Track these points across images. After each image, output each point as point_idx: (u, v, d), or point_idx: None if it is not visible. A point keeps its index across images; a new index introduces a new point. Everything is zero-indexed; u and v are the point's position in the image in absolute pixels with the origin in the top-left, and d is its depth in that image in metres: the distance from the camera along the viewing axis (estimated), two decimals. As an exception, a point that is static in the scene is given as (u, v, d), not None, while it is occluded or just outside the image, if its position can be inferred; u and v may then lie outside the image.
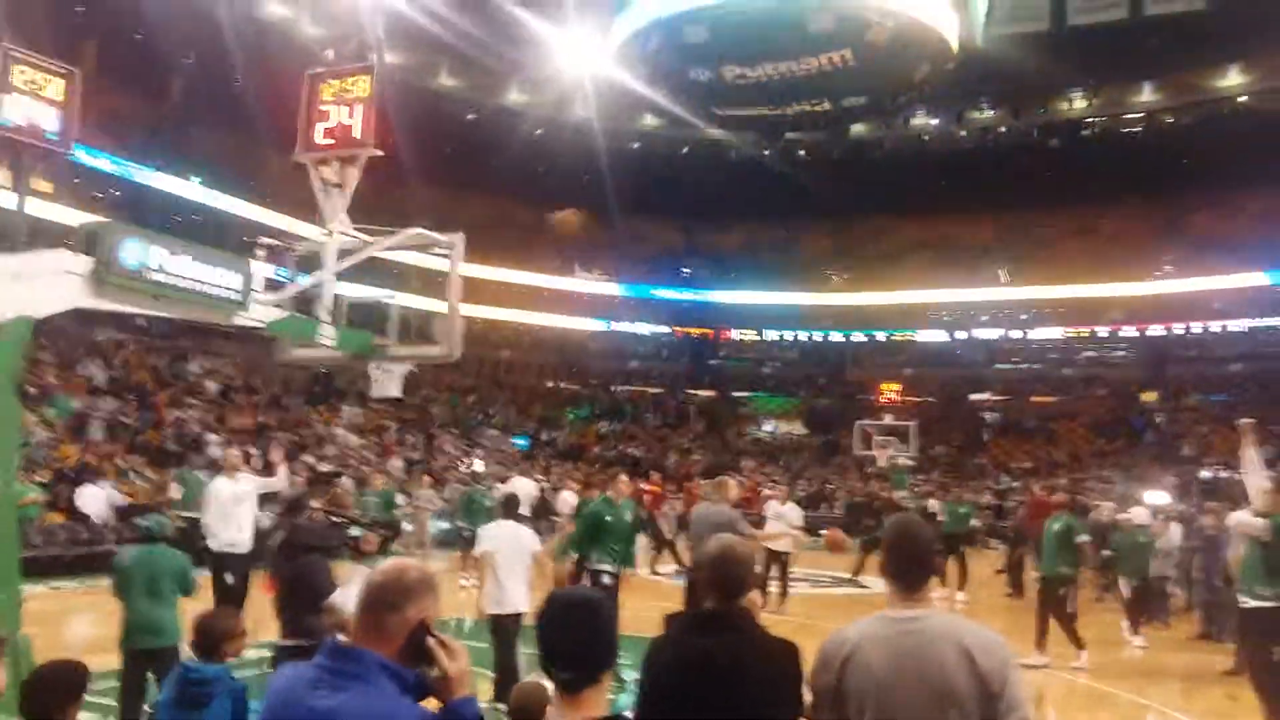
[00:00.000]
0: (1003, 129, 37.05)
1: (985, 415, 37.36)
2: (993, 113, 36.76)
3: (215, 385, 24.63)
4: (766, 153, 35.12)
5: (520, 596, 6.71)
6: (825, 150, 37.12)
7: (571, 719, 2.00)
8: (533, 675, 3.84)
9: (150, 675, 6.18)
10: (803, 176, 36.18)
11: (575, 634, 2.10)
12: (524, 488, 15.27)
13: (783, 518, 13.00)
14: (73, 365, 21.37)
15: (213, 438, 20.42)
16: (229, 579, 8.51)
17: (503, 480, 18.36)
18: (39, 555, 10.49)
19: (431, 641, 2.08)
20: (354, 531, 7.38)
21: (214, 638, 3.94)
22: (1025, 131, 36.92)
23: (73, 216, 21.77)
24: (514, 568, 6.76)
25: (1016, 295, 38.88)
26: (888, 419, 31.14)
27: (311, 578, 5.08)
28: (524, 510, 14.27)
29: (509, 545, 6.85)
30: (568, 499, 17.04)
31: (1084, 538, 10.00)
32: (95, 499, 14.81)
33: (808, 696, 2.85)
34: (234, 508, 8.72)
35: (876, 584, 14.75)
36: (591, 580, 8.88)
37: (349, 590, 5.35)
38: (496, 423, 32.53)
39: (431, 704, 2.12)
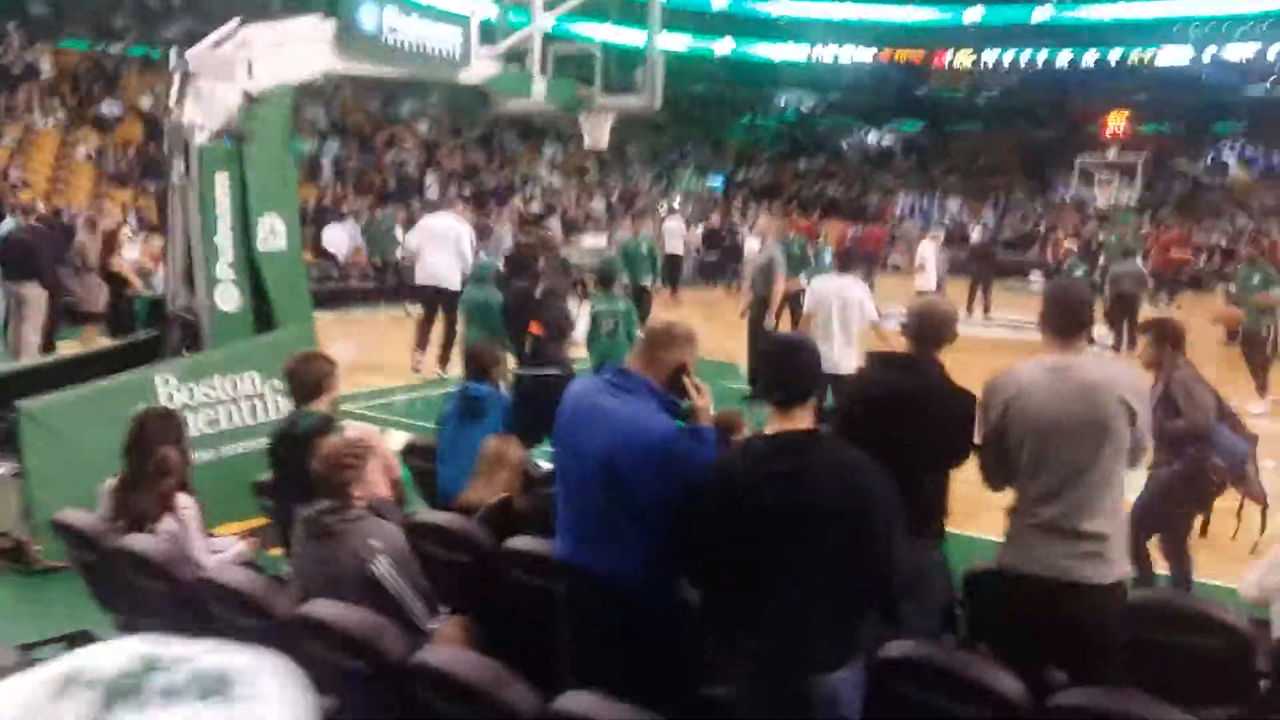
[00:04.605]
0: None
1: (1227, 148, 33.69)
2: None
3: (424, 126, 25.60)
4: None
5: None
6: None
7: (784, 428, 2.55)
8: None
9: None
10: None
11: (786, 365, 2.64)
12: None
13: (926, 261, 14.09)
14: (299, 109, 22.70)
15: (430, 178, 21.62)
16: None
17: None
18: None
19: (687, 380, 2.76)
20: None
21: (484, 363, 4.73)
22: None
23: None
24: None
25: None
26: (1112, 154, 28.70)
27: (563, 319, 6.17)
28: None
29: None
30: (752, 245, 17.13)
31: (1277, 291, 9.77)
32: (339, 238, 16.23)
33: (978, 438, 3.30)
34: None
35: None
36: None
37: (580, 324, 6.55)
38: (691, 162, 32.43)
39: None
